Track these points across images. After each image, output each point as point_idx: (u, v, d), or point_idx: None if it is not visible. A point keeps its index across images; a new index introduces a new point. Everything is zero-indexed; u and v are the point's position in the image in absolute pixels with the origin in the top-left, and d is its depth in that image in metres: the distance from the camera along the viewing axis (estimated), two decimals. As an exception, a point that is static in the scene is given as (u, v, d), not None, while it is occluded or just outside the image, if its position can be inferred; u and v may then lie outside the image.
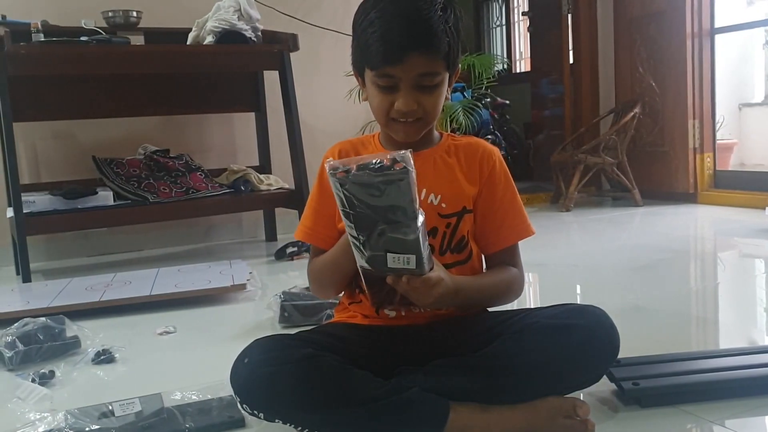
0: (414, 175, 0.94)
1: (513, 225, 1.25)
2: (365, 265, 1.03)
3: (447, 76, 1.17)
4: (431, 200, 1.19)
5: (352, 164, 0.94)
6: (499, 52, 6.89)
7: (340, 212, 0.99)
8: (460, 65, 1.23)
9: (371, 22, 1.12)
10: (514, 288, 1.25)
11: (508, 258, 1.26)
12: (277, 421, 1.08)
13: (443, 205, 1.20)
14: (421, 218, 0.98)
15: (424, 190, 1.20)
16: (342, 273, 1.19)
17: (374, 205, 0.96)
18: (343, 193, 0.96)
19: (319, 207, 1.25)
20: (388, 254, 1.00)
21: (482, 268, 1.28)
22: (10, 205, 2.63)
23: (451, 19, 1.14)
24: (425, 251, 1.01)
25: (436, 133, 1.27)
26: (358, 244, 1.01)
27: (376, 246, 1.00)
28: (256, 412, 1.08)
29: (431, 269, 1.04)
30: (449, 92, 1.22)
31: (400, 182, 0.93)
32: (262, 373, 1.05)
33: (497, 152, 1.28)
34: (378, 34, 1.10)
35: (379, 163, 0.93)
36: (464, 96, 4.14)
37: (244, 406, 1.09)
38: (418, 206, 0.97)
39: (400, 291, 1.05)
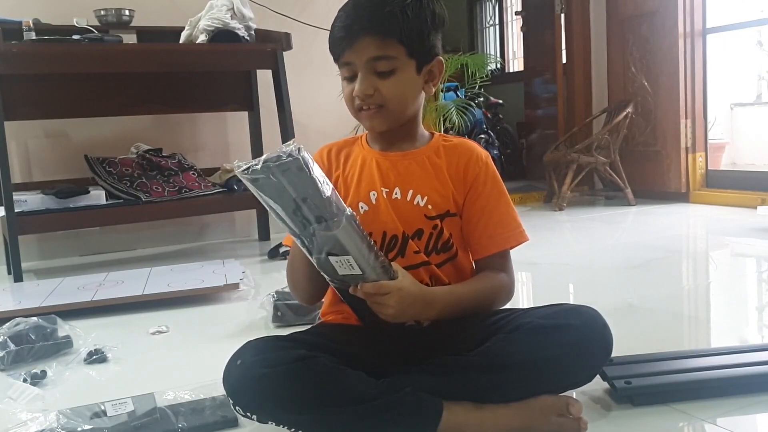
0: (306, 162, 0.92)
1: (501, 231, 1.21)
2: (326, 276, 1.05)
3: (413, 63, 1.15)
4: (417, 202, 1.19)
5: (255, 161, 0.93)
6: (492, 52, 6.91)
7: (275, 218, 0.98)
8: (440, 56, 1.19)
9: (336, 17, 1.15)
10: (501, 295, 1.22)
11: (496, 264, 1.22)
12: (270, 422, 1.08)
13: (429, 207, 1.19)
14: (347, 212, 0.97)
15: (411, 191, 1.19)
16: (305, 268, 1.13)
17: (288, 201, 0.94)
18: (259, 194, 0.95)
19: None
20: (330, 257, 0.99)
21: (472, 265, 1.26)
22: (1, 205, 2.61)
23: (413, 3, 1.12)
24: (365, 253, 1.00)
25: (426, 133, 1.26)
26: (304, 250, 1.01)
27: (317, 249, 0.99)
28: (248, 413, 1.08)
29: (391, 278, 1.05)
30: (434, 86, 1.20)
31: (293, 170, 0.92)
32: (254, 374, 1.05)
33: (487, 156, 1.24)
34: (335, 25, 1.14)
35: (272, 155, 0.92)
36: (457, 95, 4.15)
37: (237, 407, 1.08)
38: (332, 198, 0.95)
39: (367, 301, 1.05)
